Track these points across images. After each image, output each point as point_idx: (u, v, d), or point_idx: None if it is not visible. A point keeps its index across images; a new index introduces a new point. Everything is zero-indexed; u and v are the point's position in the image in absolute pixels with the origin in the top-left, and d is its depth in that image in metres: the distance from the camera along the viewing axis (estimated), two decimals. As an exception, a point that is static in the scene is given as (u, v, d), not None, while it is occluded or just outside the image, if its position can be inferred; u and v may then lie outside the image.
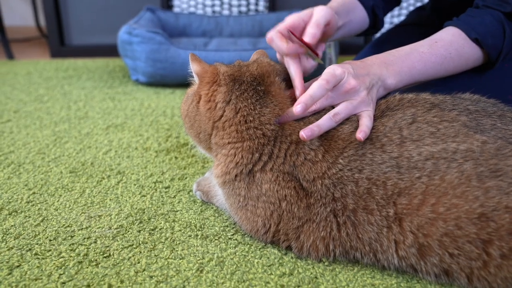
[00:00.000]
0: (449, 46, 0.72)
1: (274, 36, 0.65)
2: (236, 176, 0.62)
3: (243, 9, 2.09)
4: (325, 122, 0.60)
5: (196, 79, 0.68)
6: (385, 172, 0.56)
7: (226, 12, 2.08)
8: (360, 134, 0.58)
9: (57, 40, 2.10)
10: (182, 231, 0.68)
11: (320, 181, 0.58)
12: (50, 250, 0.63)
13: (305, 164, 0.59)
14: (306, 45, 0.65)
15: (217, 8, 2.08)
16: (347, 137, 0.60)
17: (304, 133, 0.58)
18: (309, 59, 0.70)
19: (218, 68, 0.67)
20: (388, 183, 0.55)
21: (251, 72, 0.65)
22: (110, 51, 2.05)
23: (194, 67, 0.68)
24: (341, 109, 0.62)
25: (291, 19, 0.67)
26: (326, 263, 0.60)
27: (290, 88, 0.66)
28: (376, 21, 0.92)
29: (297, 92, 0.63)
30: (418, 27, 1.08)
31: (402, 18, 1.61)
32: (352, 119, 0.62)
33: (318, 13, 0.68)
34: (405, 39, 1.06)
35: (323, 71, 0.62)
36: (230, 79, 0.64)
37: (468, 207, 0.51)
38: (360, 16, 0.88)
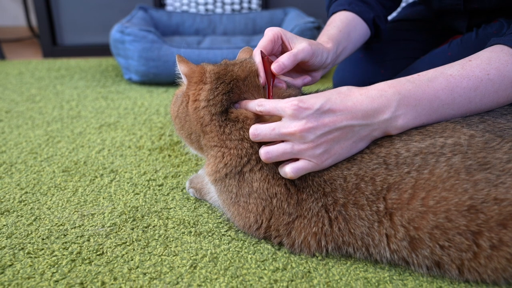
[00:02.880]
0: (487, 65, 0.56)
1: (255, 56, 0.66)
2: (226, 174, 0.63)
3: (236, 7, 2.09)
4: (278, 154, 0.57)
5: (184, 80, 0.68)
6: (373, 168, 0.56)
7: (219, 10, 2.08)
8: (288, 172, 0.56)
9: (49, 40, 2.08)
10: (176, 228, 0.68)
11: (310, 177, 0.59)
12: (42, 249, 0.63)
13: None
14: (271, 73, 0.64)
15: (210, 6, 2.07)
16: None
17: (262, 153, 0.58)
18: (301, 78, 0.72)
19: (205, 67, 0.67)
20: (377, 178, 0.56)
21: (232, 73, 0.64)
22: (103, 50, 2.05)
23: (181, 68, 0.68)
24: (273, 148, 0.57)
25: (273, 35, 0.67)
26: (319, 258, 0.60)
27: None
28: (378, 31, 0.90)
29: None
30: (411, 22, 1.09)
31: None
32: None
33: (300, 49, 0.65)
34: (399, 34, 1.07)
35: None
36: (215, 77, 0.64)
37: (458, 199, 0.52)
38: (361, 33, 0.86)
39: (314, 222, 0.58)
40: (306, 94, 0.68)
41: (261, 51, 0.65)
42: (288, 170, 0.57)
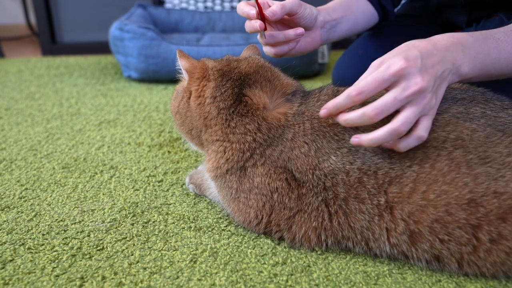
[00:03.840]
0: None
1: (242, 4, 0.69)
2: (227, 170, 0.63)
3: (235, 4, 2.09)
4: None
5: (185, 75, 0.68)
6: (376, 162, 0.56)
7: (218, 7, 2.07)
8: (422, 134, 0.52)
9: (48, 38, 2.08)
10: (176, 223, 0.68)
11: (311, 172, 0.59)
12: (43, 244, 0.63)
13: (299, 157, 0.59)
14: (262, 16, 0.67)
15: (209, 4, 2.07)
16: (341, 136, 0.59)
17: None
18: (289, 43, 0.73)
19: (206, 63, 0.67)
20: (379, 172, 0.56)
21: (240, 70, 0.65)
22: (102, 48, 2.04)
23: (182, 63, 0.68)
24: (403, 119, 0.51)
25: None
26: (319, 252, 0.61)
27: (277, 87, 0.66)
28: (385, 13, 0.91)
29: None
30: (411, 18, 1.09)
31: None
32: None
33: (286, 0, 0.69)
34: (399, 30, 1.07)
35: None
36: (219, 74, 0.64)
37: (458, 193, 0.52)
38: (364, 10, 0.86)
39: (314, 216, 0.58)
40: (308, 91, 0.68)
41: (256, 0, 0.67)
42: (421, 133, 0.52)
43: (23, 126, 1.11)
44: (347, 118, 0.53)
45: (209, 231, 0.66)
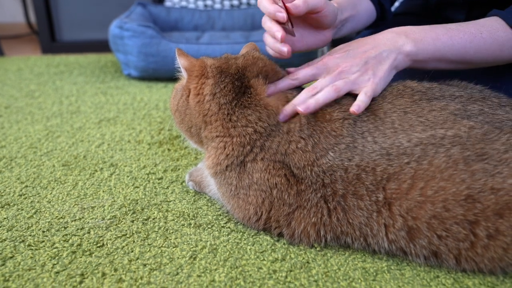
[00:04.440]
0: (480, 27, 0.67)
1: (266, 3, 0.64)
2: (227, 166, 0.63)
3: (235, 2, 2.09)
4: (324, 93, 0.61)
5: (184, 73, 0.69)
6: (375, 159, 0.57)
7: (218, 6, 2.07)
8: (354, 108, 0.59)
9: (48, 36, 2.08)
10: (175, 220, 0.68)
11: (310, 168, 0.59)
12: (43, 241, 0.63)
13: (296, 152, 0.60)
14: (287, 10, 0.63)
15: (208, 2, 2.07)
16: (339, 132, 0.60)
17: (301, 108, 0.60)
18: (313, 36, 0.72)
19: (205, 61, 0.67)
20: (378, 169, 0.56)
21: (237, 65, 0.65)
22: (102, 46, 2.04)
23: (181, 62, 0.68)
24: (340, 83, 0.62)
25: None
26: (317, 248, 0.61)
27: (274, 80, 0.66)
28: (383, 12, 0.91)
29: (284, 49, 0.65)
30: (410, 16, 1.09)
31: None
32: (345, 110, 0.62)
33: None
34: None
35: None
36: (217, 71, 0.65)
37: (455, 189, 0.52)
38: (366, 8, 0.87)
39: (313, 212, 0.59)
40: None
41: None
42: (361, 97, 0.60)
43: (23, 124, 1.11)
44: (304, 105, 0.61)
45: (208, 228, 0.66)
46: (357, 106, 0.59)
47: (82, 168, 0.86)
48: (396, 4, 1.52)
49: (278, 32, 0.63)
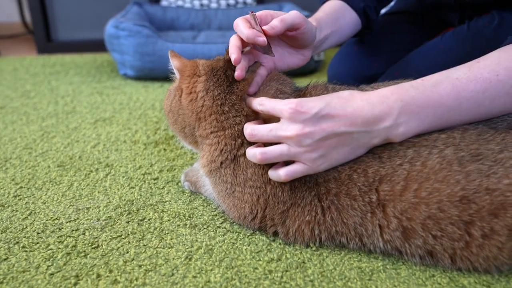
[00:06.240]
0: (496, 65, 0.53)
1: (240, 22, 0.61)
2: (221, 163, 0.63)
3: (232, 2, 2.08)
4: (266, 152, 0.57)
5: (177, 74, 0.70)
6: (366, 162, 0.57)
7: (214, 5, 2.07)
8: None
9: (44, 36, 2.07)
10: (171, 221, 0.68)
11: None
12: (38, 243, 0.63)
13: None
14: (264, 33, 0.61)
15: (205, 1, 2.06)
16: None
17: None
18: (292, 56, 0.71)
19: (197, 61, 0.69)
20: (369, 170, 0.56)
21: (224, 58, 0.66)
22: (98, 46, 2.03)
23: (174, 63, 0.69)
24: (270, 150, 0.56)
25: (262, 11, 0.64)
26: (313, 248, 0.61)
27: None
28: (368, 22, 0.90)
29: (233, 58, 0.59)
30: (404, 15, 1.09)
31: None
32: None
33: (288, 13, 0.63)
34: (392, 27, 1.07)
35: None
36: (209, 69, 0.65)
37: (450, 190, 0.52)
38: (350, 21, 0.85)
39: (307, 210, 0.59)
40: (299, 88, 0.68)
41: (251, 12, 0.62)
42: (282, 173, 0.56)
43: (18, 124, 1.10)
44: (249, 136, 0.59)
45: (204, 228, 0.66)
46: (284, 171, 0.56)
47: (77, 169, 0.86)
48: (392, 3, 1.53)
49: (233, 54, 0.59)
